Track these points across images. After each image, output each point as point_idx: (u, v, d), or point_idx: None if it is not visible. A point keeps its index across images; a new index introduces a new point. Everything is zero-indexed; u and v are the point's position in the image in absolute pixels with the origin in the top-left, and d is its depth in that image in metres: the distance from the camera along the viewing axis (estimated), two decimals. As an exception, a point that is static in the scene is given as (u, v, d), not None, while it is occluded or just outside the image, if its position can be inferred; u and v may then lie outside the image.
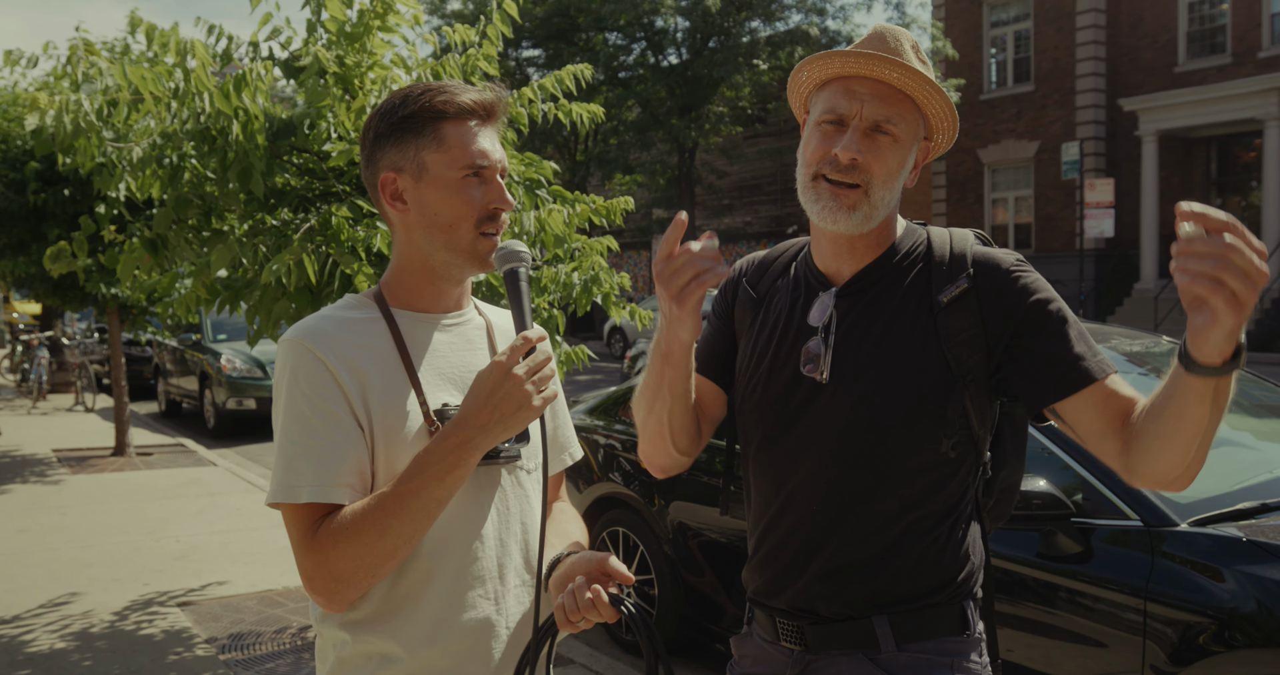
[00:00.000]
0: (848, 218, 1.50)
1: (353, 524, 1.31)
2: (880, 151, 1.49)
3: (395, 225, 1.49)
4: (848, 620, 1.55)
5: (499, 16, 3.96)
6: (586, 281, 4.08)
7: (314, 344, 1.39)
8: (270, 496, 1.36)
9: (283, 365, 1.40)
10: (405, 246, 1.49)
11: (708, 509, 4.16)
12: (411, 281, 1.50)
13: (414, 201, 1.45)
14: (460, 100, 1.44)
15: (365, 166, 1.49)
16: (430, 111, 1.43)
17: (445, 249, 1.46)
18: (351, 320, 1.45)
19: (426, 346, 1.48)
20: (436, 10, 25.09)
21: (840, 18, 23.81)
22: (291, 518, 1.34)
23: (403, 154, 1.44)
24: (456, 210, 1.44)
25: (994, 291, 1.50)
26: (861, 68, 1.49)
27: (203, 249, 3.89)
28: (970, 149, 24.22)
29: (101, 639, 4.62)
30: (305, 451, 1.34)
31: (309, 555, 1.32)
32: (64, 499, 7.93)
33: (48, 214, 8.20)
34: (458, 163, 1.43)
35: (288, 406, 1.37)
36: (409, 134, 1.44)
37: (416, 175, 1.44)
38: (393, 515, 1.31)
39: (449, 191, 1.43)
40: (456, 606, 1.44)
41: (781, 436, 1.61)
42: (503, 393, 1.32)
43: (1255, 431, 3.78)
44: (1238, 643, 2.53)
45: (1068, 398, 1.46)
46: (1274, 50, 19.72)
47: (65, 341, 17.16)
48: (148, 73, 3.46)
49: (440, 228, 1.44)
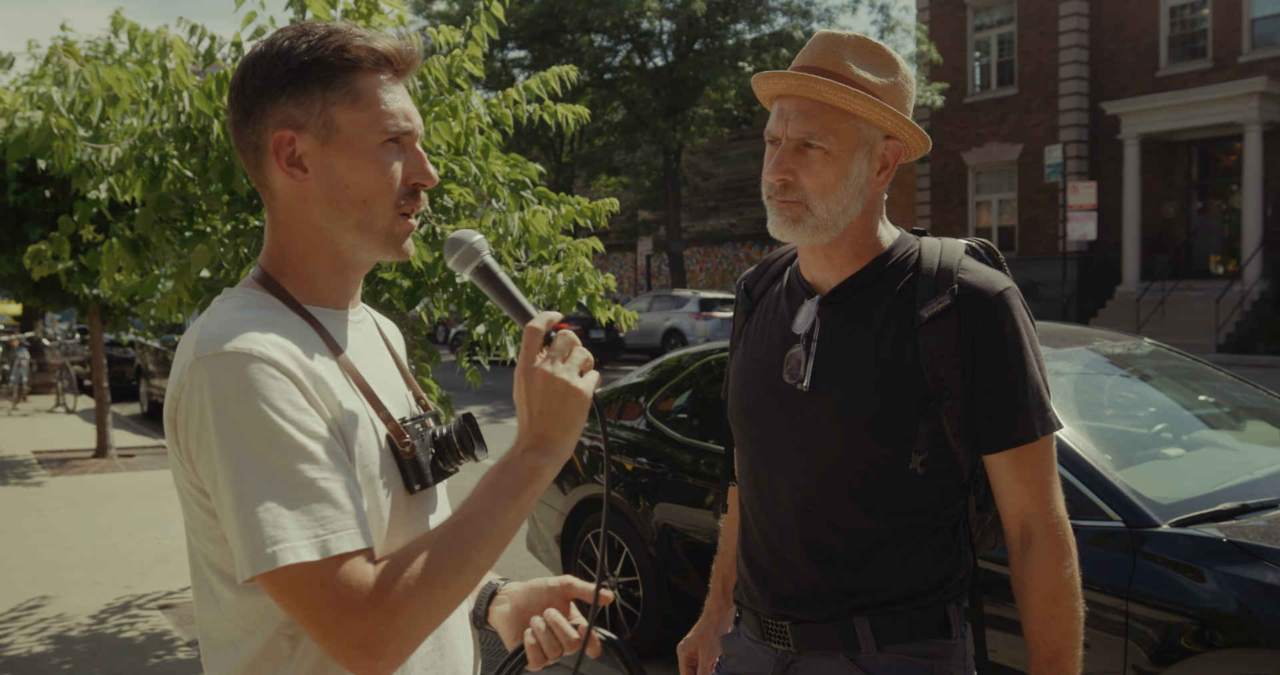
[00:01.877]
0: (793, 230, 1.53)
1: (438, 569, 1.06)
2: (811, 167, 1.50)
3: (285, 198, 1.19)
4: (829, 621, 1.56)
5: (485, 18, 3.96)
6: (571, 283, 4.08)
7: (268, 352, 1.07)
8: (278, 559, 1.00)
9: (228, 386, 1.05)
10: (299, 225, 1.19)
11: (693, 511, 4.17)
12: (315, 270, 1.21)
13: (318, 169, 1.16)
14: (378, 46, 1.17)
15: (243, 122, 1.18)
16: (342, 58, 1.15)
17: (356, 229, 1.18)
18: (272, 322, 1.13)
19: (351, 351, 1.22)
20: (422, 10, 25.05)
21: (825, 20, 23.90)
22: (312, 579, 1.02)
23: (304, 109, 1.15)
24: (375, 183, 1.17)
25: (972, 315, 1.50)
26: (787, 87, 1.52)
27: (184, 250, 3.87)
28: (954, 152, 24.34)
29: (81, 642, 4.58)
30: (314, 489, 1.04)
31: (366, 615, 1.02)
32: (44, 501, 7.86)
33: (28, 214, 8.14)
34: (377, 125, 1.16)
35: (263, 437, 1.04)
36: (314, 84, 1.15)
37: (323, 136, 1.15)
38: (487, 553, 1.09)
39: (365, 160, 1.16)
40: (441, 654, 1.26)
41: (764, 442, 1.63)
42: (541, 395, 1.13)
43: (1235, 433, 3.80)
44: (1218, 643, 2.55)
45: (987, 454, 1.53)
46: (1254, 55, 19.91)
47: (46, 342, 17.04)
48: (123, 73, 3.44)
49: (352, 203, 1.17)
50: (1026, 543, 1.52)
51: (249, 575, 1.02)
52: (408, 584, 1.04)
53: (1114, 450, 3.27)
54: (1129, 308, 19.82)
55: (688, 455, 4.34)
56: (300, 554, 1.01)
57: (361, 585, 1.03)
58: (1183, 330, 18.60)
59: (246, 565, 1.02)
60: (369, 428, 1.16)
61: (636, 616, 4.47)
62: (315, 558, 1.01)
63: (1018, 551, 1.53)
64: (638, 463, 4.55)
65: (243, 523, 1.03)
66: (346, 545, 1.04)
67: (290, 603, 1.04)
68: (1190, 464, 3.42)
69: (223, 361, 1.06)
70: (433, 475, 1.22)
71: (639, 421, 4.72)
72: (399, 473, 1.19)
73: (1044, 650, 1.50)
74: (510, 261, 4.15)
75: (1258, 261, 19.11)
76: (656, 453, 4.49)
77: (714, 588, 1.92)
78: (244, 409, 1.04)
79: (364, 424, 1.16)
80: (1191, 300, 19.62)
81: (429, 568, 1.05)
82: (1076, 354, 3.82)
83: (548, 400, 1.13)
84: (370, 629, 1.02)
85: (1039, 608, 1.50)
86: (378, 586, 1.04)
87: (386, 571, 1.05)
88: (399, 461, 1.19)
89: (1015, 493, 1.52)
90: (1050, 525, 1.51)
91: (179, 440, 1.11)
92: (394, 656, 1.04)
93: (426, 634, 1.08)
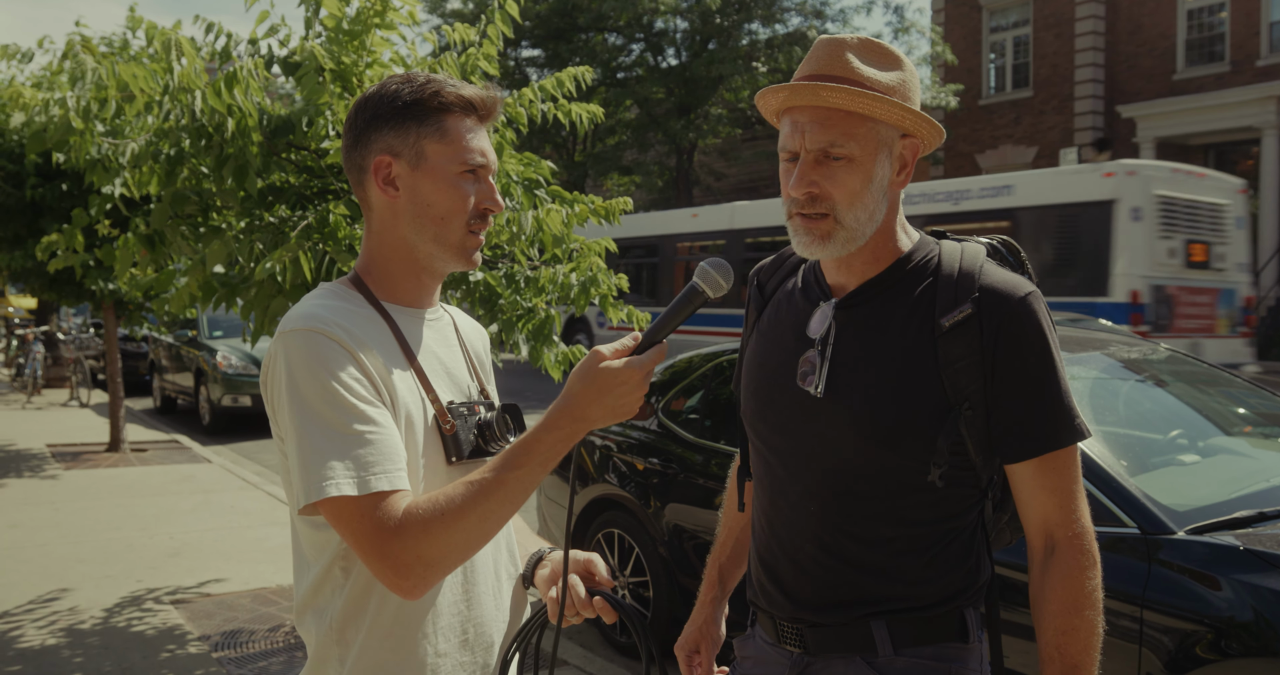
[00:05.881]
0: (824, 247, 1.50)
1: (451, 509, 1.27)
2: (836, 176, 1.46)
3: (379, 211, 1.45)
4: (845, 625, 1.55)
5: (500, 16, 3.95)
6: (584, 282, 4.07)
7: (333, 332, 1.33)
8: (325, 491, 1.26)
9: (299, 356, 1.31)
10: (388, 234, 1.45)
11: (704, 511, 4.16)
12: (397, 273, 1.47)
13: (407, 189, 1.42)
14: (466, 94, 1.43)
15: (352, 147, 1.45)
16: (437, 101, 1.41)
17: (434, 241, 1.43)
18: (347, 311, 1.40)
19: (420, 342, 1.47)
20: (436, 9, 25.07)
21: (840, 21, 23.83)
22: (355, 510, 1.27)
23: (402, 139, 1.41)
24: (452, 204, 1.42)
25: (994, 323, 1.46)
26: (796, 98, 1.48)
27: (199, 245, 3.88)
28: (968, 154, 24.24)
29: (93, 636, 4.60)
30: (362, 440, 1.29)
31: (393, 541, 1.26)
32: (57, 494, 7.90)
33: (45, 208, 8.18)
34: (458, 157, 1.41)
35: (322, 397, 1.29)
36: (411, 121, 1.41)
37: (414, 163, 1.41)
38: (495, 499, 1.28)
39: (445, 184, 1.41)
40: (468, 604, 1.46)
41: (777, 446, 1.61)
42: (617, 390, 1.30)
43: (1252, 440, 3.77)
44: (1233, 652, 2.53)
45: (1010, 463, 1.49)
46: (1272, 59, 19.76)
47: (61, 336, 17.12)
48: (140, 70, 3.45)
49: (431, 219, 1.42)
50: (1049, 552, 1.48)
51: (303, 504, 1.29)
52: (427, 518, 1.27)
53: (1129, 456, 3.24)
54: (1143, 312, 19.70)
55: (699, 456, 4.33)
56: (343, 489, 1.26)
57: (392, 517, 1.27)
58: (1198, 335, 18.49)
59: (302, 496, 1.29)
60: (420, 405, 1.41)
61: (646, 616, 4.46)
62: (355, 493, 1.26)
63: (1040, 561, 1.49)
64: (649, 463, 4.54)
65: (302, 464, 1.29)
66: (383, 485, 1.28)
67: (341, 528, 1.29)
68: (1206, 471, 3.39)
69: (297, 337, 1.32)
70: (476, 453, 1.46)
71: (650, 422, 4.71)
72: (440, 445, 1.43)
73: (1059, 664, 1.45)
74: (523, 260, 4.15)
75: (1274, 266, 18.97)
76: (668, 453, 4.48)
77: (709, 576, 1.89)
78: (310, 375, 1.30)
79: (415, 401, 1.40)
80: (1206, 305, 19.49)
81: (446, 507, 1.27)
82: (1092, 359, 3.79)
83: (621, 396, 1.30)
84: (398, 553, 1.26)
85: (1059, 619, 1.45)
86: (404, 518, 1.27)
87: (412, 507, 1.28)
88: (442, 436, 1.43)
89: (1039, 502, 1.48)
90: (1075, 535, 1.47)
91: (268, 398, 1.38)
92: (418, 580, 1.27)
93: (447, 563, 1.29)
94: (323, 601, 1.40)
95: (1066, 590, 1.46)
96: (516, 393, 14.61)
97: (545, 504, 5.21)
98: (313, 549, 1.41)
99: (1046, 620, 1.47)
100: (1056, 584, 1.46)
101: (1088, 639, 1.46)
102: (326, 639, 1.39)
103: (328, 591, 1.39)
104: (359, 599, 1.38)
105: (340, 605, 1.38)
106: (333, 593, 1.39)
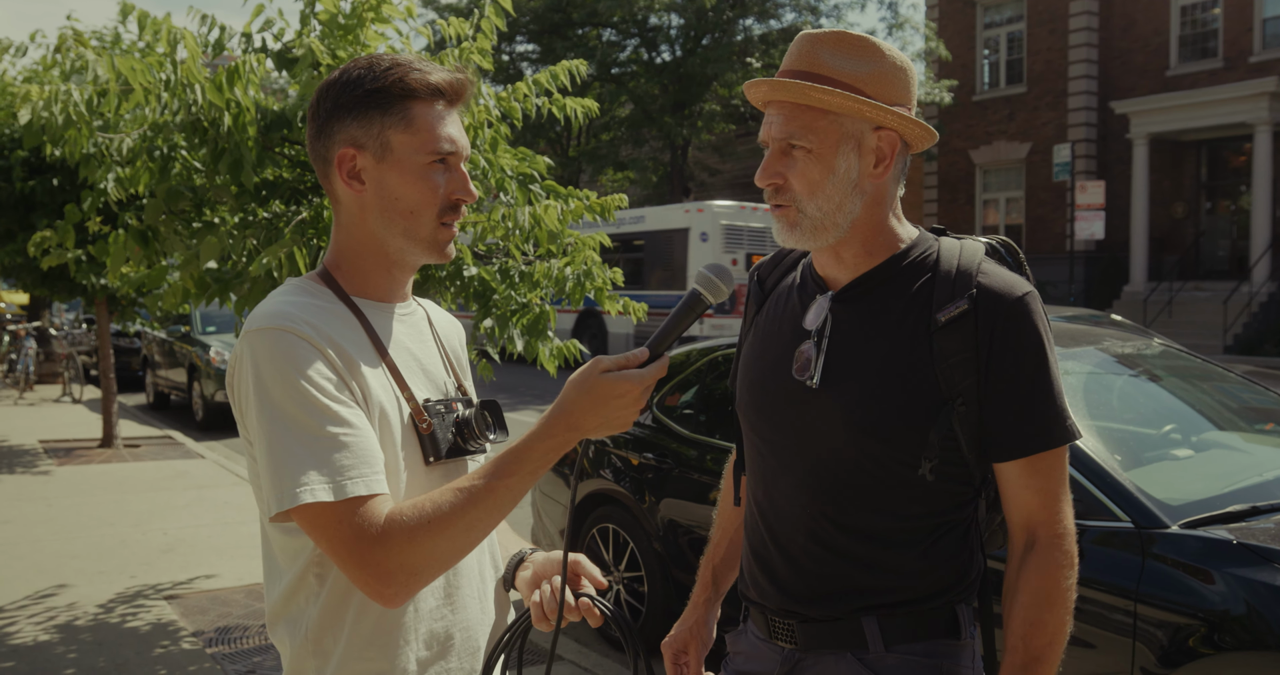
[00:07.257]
0: (792, 235, 1.53)
1: (438, 516, 1.22)
2: (795, 167, 1.50)
3: (346, 205, 1.39)
4: (837, 620, 1.55)
5: (493, 10, 3.94)
6: (579, 276, 4.07)
7: (301, 329, 1.26)
8: (299, 497, 1.20)
9: (266, 356, 1.25)
10: (356, 228, 1.39)
11: (699, 506, 4.16)
12: (368, 267, 1.40)
13: (373, 182, 1.35)
14: (432, 79, 1.35)
15: (315, 137, 1.38)
16: (401, 88, 1.33)
17: (403, 236, 1.37)
18: (316, 308, 1.33)
19: (390, 337, 1.40)
20: (430, 3, 25.02)
21: (834, 16, 23.83)
22: (331, 517, 1.21)
23: (365, 130, 1.34)
24: (420, 197, 1.35)
25: (990, 320, 1.47)
26: (767, 93, 1.53)
27: (192, 241, 3.87)
28: (962, 150, 24.27)
29: (87, 631, 4.59)
30: (335, 442, 1.22)
31: (376, 549, 1.20)
32: (50, 490, 7.88)
33: (36, 203, 8.14)
34: (425, 147, 1.34)
35: (292, 399, 1.23)
36: (374, 110, 1.33)
37: (379, 155, 1.34)
38: (483, 507, 1.24)
39: (413, 176, 1.35)
40: (453, 609, 1.42)
41: (771, 438, 1.61)
42: (614, 403, 1.27)
43: (1245, 434, 3.79)
44: (1227, 645, 2.53)
45: (998, 462, 1.49)
46: (1265, 55, 19.81)
47: (53, 332, 17.07)
48: (138, 64, 3.43)
49: (400, 213, 1.36)
50: (1029, 548, 1.48)
51: (274, 511, 1.22)
52: (412, 525, 1.22)
53: (1123, 451, 3.25)
54: (1136, 308, 19.76)
55: (694, 451, 4.33)
56: (318, 495, 1.20)
57: (373, 523, 1.21)
58: (1190, 331, 18.54)
59: (273, 503, 1.22)
60: (394, 403, 1.34)
61: (641, 612, 4.46)
62: (331, 498, 1.20)
63: (1018, 554, 1.49)
64: (644, 458, 4.54)
65: (273, 469, 1.22)
66: (360, 490, 1.22)
67: (316, 536, 1.24)
68: (1200, 465, 3.40)
69: (264, 336, 1.26)
70: (454, 451, 1.40)
71: (645, 416, 4.71)
72: (418, 445, 1.37)
73: (1022, 654, 1.45)
74: (518, 255, 4.14)
75: (1266, 262, 19.04)
76: (663, 448, 4.48)
77: (703, 578, 1.89)
78: (279, 375, 1.24)
79: (389, 400, 1.34)
80: (1199, 301, 19.56)
81: (433, 514, 1.22)
82: (1086, 354, 3.80)
83: (618, 408, 1.28)
84: (380, 561, 1.20)
85: (1029, 611, 1.46)
86: (387, 525, 1.21)
87: (396, 514, 1.23)
88: (418, 435, 1.37)
89: (1024, 501, 1.49)
90: (1057, 535, 1.48)
91: (235, 401, 1.32)
92: (401, 587, 1.22)
93: (431, 572, 1.24)
94: (296, 610, 1.34)
95: (1040, 584, 1.46)
96: (514, 388, 14.59)
97: (540, 500, 5.21)
98: (285, 555, 1.35)
99: (1016, 611, 1.47)
100: (1032, 577, 1.47)
101: (1054, 635, 1.46)
102: (302, 650, 1.34)
103: (301, 599, 1.34)
104: (336, 607, 1.32)
105: (316, 614, 1.32)
106: (307, 600, 1.33)
